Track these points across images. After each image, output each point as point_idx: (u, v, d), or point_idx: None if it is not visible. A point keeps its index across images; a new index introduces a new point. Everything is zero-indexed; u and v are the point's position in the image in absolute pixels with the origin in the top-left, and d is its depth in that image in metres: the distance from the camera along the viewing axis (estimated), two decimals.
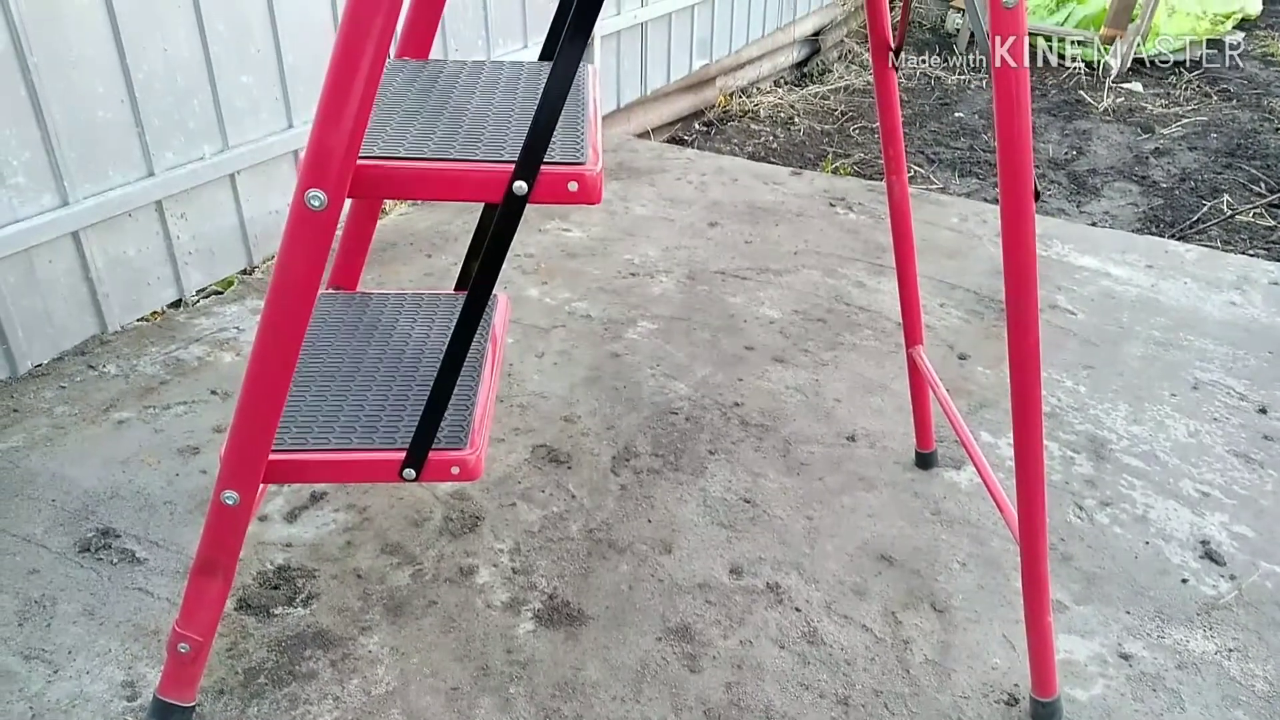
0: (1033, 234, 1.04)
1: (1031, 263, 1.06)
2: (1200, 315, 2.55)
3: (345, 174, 1.01)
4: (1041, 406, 1.17)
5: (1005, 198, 1.04)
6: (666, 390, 2.17)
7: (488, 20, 3.15)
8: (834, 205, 3.19)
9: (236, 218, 2.54)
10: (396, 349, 1.47)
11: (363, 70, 0.94)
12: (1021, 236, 1.04)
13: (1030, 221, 1.04)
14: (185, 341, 2.29)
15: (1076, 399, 2.18)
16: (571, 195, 1.09)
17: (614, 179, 3.36)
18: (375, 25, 0.92)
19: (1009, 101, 0.98)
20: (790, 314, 2.51)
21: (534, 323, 2.44)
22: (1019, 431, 1.23)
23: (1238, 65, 5.81)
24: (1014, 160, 0.98)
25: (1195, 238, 3.64)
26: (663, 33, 4.12)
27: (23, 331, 2.12)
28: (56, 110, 2.05)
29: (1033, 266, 1.06)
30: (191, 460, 1.89)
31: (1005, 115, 0.99)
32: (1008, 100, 0.98)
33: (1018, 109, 0.98)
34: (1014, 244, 1.05)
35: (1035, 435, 1.22)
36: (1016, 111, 0.98)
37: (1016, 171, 0.99)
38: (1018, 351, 1.15)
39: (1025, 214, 1.04)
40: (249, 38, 2.40)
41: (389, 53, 0.97)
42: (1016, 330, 1.12)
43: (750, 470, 1.92)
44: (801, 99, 5.19)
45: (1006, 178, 1.00)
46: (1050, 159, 4.47)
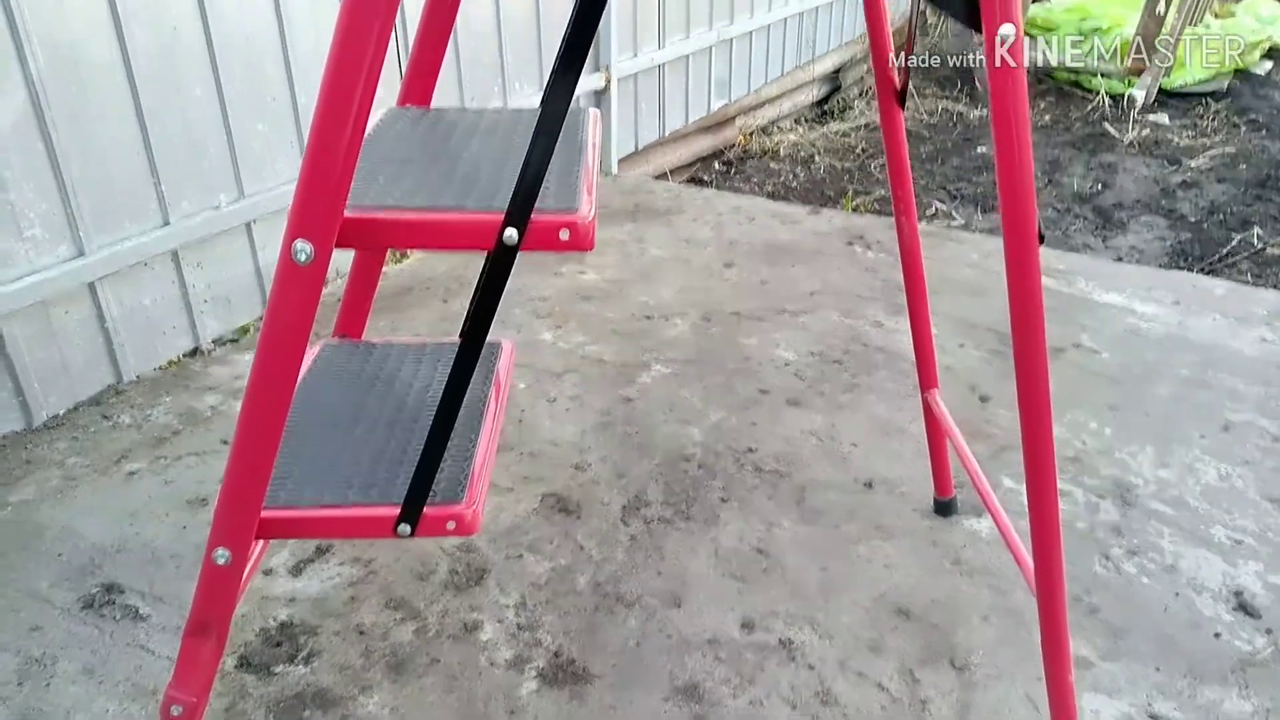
0: (1038, 279, 1.01)
1: (1038, 312, 1.02)
2: (1230, 352, 2.48)
3: (332, 225, 1.00)
4: (1054, 459, 1.12)
5: (1009, 241, 1.00)
6: (679, 436, 2.14)
7: (504, 65, 3.17)
8: (852, 244, 3.16)
9: (253, 265, 2.55)
10: (398, 399, 1.45)
11: (348, 122, 0.93)
12: (1027, 283, 1.01)
13: (1035, 266, 1.00)
14: (199, 390, 2.30)
15: (1102, 442, 2.12)
16: (563, 243, 1.06)
17: (630, 220, 3.36)
18: (359, 78, 0.91)
19: (1009, 146, 0.95)
20: (806, 355, 2.47)
21: (547, 367, 2.42)
22: (1032, 484, 1.18)
23: (1266, 95, 5.74)
24: (1017, 206, 0.95)
25: (1225, 271, 3.57)
26: (680, 74, 4.14)
27: (39, 382, 2.13)
28: (74, 163, 2.08)
29: (1040, 315, 1.02)
30: (200, 512, 1.88)
31: (1006, 158, 0.95)
32: (1008, 145, 0.95)
33: (1018, 152, 0.95)
34: (1020, 291, 1.02)
35: (1050, 488, 1.17)
36: (1018, 153, 0.95)
37: (1019, 218, 0.95)
38: (1028, 404, 1.10)
39: (1030, 258, 1.00)
40: (265, 86, 2.43)
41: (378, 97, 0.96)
42: (1026, 382, 1.08)
43: (764, 519, 1.87)
44: (822, 136, 5.19)
45: (1010, 222, 0.97)
46: (1075, 193, 4.41)
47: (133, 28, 2.11)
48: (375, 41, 0.88)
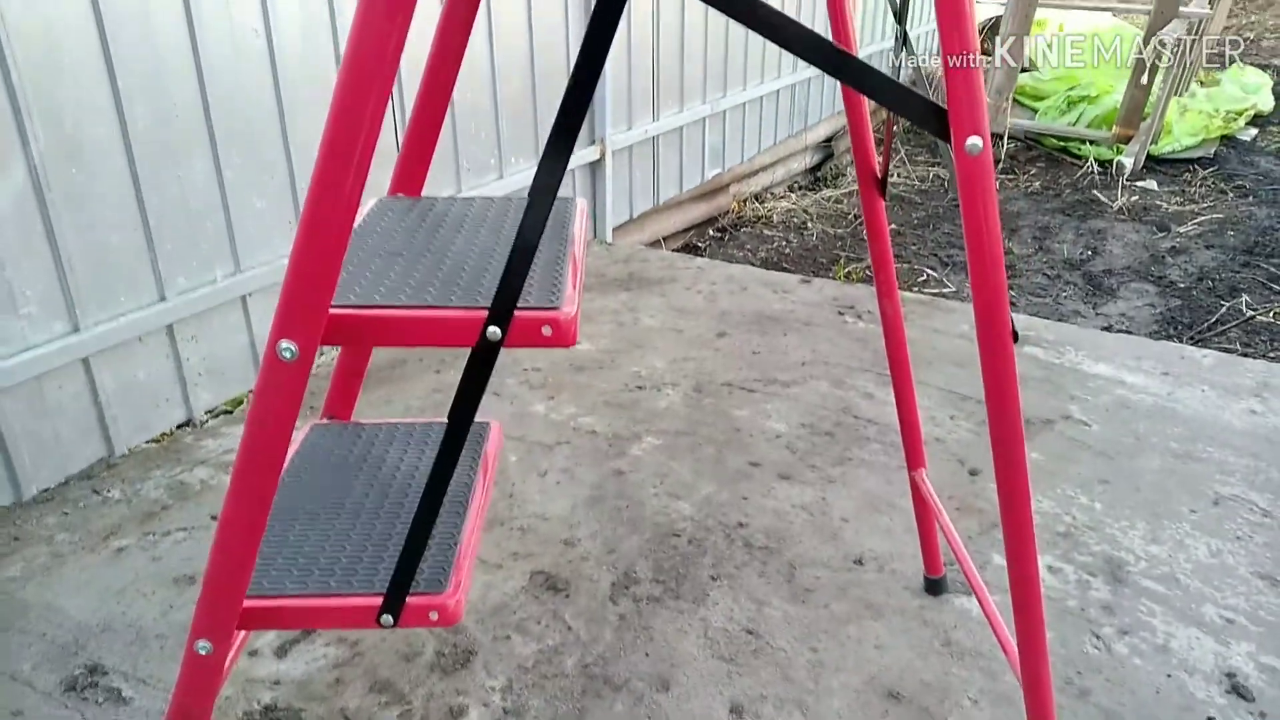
0: (1014, 378, 1.02)
1: (1015, 409, 1.04)
2: (1220, 425, 2.49)
3: (318, 324, 1.01)
4: (1036, 555, 1.12)
5: (982, 340, 1.02)
6: (669, 510, 2.14)
7: (500, 139, 3.23)
8: (843, 314, 3.19)
9: (247, 337, 2.57)
10: (384, 483, 1.46)
11: (333, 231, 0.95)
12: (1003, 380, 1.02)
13: (1011, 365, 1.01)
14: (190, 464, 2.30)
15: (1092, 517, 2.11)
16: (545, 339, 1.08)
17: (624, 289, 3.39)
18: (343, 189, 0.93)
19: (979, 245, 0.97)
20: (797, 427, 2.48)
21: (539, 439, 2.42)
22: (1015, 579, 1.18)
23: (1252, 161, 5.83)
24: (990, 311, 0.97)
25: (1214, 340, 3.59)
26: (674, 145, 4.22)
27: (29, 457, 2.14)
28: (71, 241, 2.11)
29: (1017, 413, 1.04)
30: (187, 590, 1.87)
31: (977, 259, 0.97)
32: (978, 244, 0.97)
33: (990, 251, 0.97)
34: (997, 389, 1.03)
35: (1033, 587, 1.17)
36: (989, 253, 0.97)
37: (992, 320, 0.97)
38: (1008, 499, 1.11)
39: (1005, 357, 1.02)
40: (263, 163, 2.48)
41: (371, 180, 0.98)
42: (1005, 471, 1.09)
43: (754, 597, 1.86)
44: (815, 203, 5.26)
45: (982, 325, 0.99)
46: (1065, 259, 4.46)
47: (134, 107, 2.15)
48: (358, 160, 0.90)
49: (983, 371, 1.04)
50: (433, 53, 1.38)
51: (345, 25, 2.57)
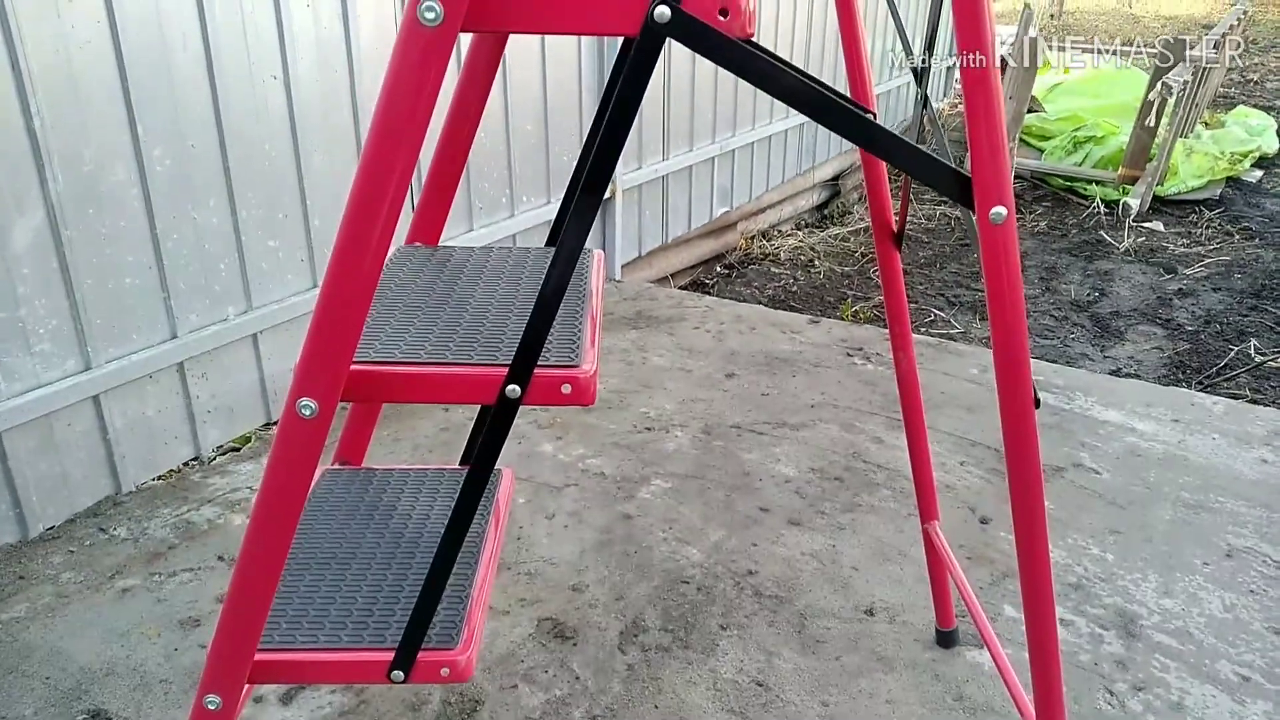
0: (1036, 448, 1.02)
1: (1037, 475, 1.03)
2: (1231, 474, 2.48)
3: (338, 382, 1.01)
4: (1056, 624, 1.11)
5: (1005, 406, 1.02)
6: (678, 556, 2.12)
7: (512, 178, 3.25)
8: (851, 355, 3.19)
9: (257, 374, 2.57)
10: (395, 532, 1.45)
11: (358, 288, 0.95)
12: (1026, 448, 1.02)
13: (1033, 436, 1.01)
14: (198, 502, 2.29)
15: (1104, 568, 2.10)
16: (565, 397, 1.08)
17: (633, 328, 3.39)
18: (367, 250, 0.94)
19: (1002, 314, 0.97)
20: (807, 472, 2.47)
21: (546, 481, 2.42)
22: (1034, 646, 1.17)
23: (1258, 203, 5.85)
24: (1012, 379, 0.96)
25: (1224, 386, 3.58)
26: (684, 183, 4.24)
27: (36, 495, 2.13)
28: (86, 280, 2.12)
29: (1038, 479, 1.03)
30: (191, 633, 1.86)
31: (1001, 329, 0.97)
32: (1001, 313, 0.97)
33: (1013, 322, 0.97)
34: (1018, 458, 1.02)
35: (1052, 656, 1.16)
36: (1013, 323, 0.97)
37: (1014, 389, 0.97)
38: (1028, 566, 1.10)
39: (1027, 422, 1.01)
40: (278, 204, 2.49)
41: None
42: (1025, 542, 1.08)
43: (764, 648, 1.84)
44: (822, 241, 5.28)
45: (1005, 392, 0.98)
46: (1073, 300, 4.47)
47: (153, 150, 2.17)
48: (384, 219, 0.91)
49: (1004, 438, 1.03)
50: (453, 104, 1.39)
51: (361, 68, 2.59)
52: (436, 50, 0.88)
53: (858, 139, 0.96)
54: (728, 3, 0.91)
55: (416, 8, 0.86)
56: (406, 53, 0.88)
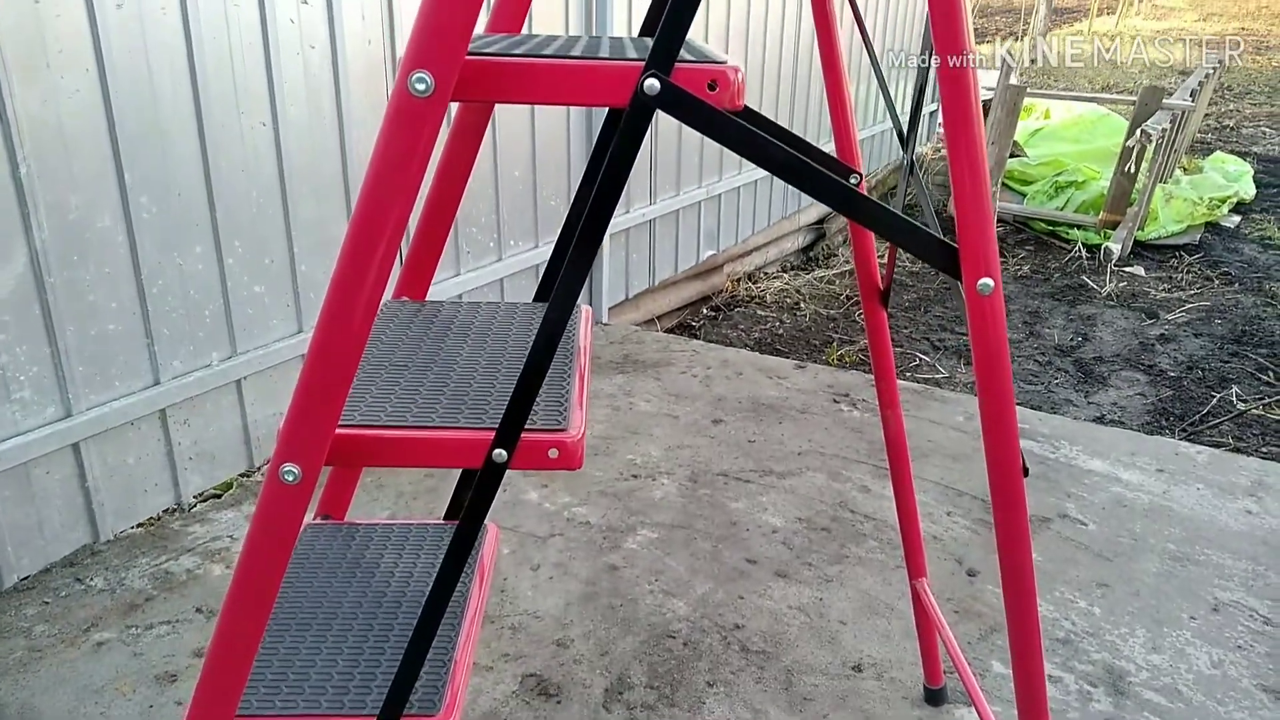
0: (1024, 512, 1.01)
1: (1025, 541, 1.03)
2: (1216, 526, 2.48)
3: (323, 446, 1.00)
4: (1045, 689, 1.10)
5: (993, 474, 1.01)
6: (665, 609, 2.10)
7: (499, 223, 3.26)
8: (838, 401, 3.19)
9: (240, 420, 2.55)
10: (378, 591, 1.43)
11: (345, 352, 0.94)
12: (1014, 515, 1.01)
13: (1022, 501, 1.01)
14: (176, 552, 2.26)
15: (1091, 622, 2.09)
16: (551, 462, 1.07)
17: (619, 372, 3.39)
18: (355, 315, 0.93)
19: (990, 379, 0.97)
20: (794, 522, 2.46)
21: (531, 530, 2.39)
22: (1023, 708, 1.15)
23: (1236, 248, 5.93)
24: (1001, 448, 0.96)
25: (1207, 433, 3.60)
26: (671, 227, 4.26)
27: (12, 545, 2.09)
28: (68, 326, 2.10)
29: (1027, 544, 1.03)
30: (168, 689, 1.82)
31: (988, 395, 0.97)
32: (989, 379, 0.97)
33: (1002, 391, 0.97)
34: (1007, 523, 1.02)
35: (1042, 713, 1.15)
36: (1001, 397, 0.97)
37: (1003, 458, 0.97)
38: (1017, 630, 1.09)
39: (1016, 493, 1.01)
40: (265, 250, 2.48)
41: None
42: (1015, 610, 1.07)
43: (750, 706, 1.82)
44: (807, 284, 5.30)
45: (993, 462, 0.98)
46: (1056, 345, 4.50)
47: (139, 197, 2.17)
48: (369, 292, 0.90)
49: (993, 504, 1.03)
50: (442, 162, 1.40)
51: (350, 117, 2.60)
52: (427, 120, 0.88)
53: (845, 210, 0.96)
54: (717, 76, 0.92)
55: (407, 78, 0.86)
56: (397, 122, 0.88)
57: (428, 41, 0.85)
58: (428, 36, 0.85)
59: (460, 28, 0.86)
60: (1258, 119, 10.52)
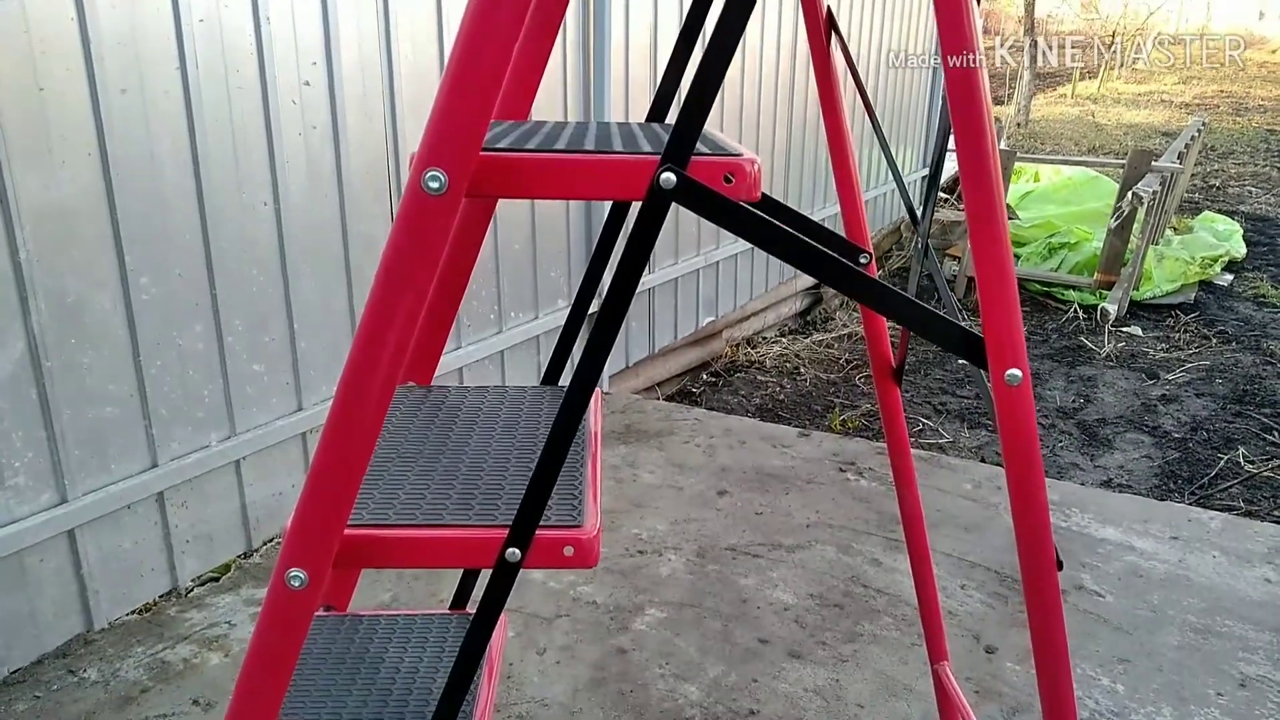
0: (1059, 609, 0.98)
1: (1062, 638, 0.99)
2: (1236, 596, 2.43)
3: (330, 550, 0.97)
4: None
5: (1025, 569, 0.98)
6: (676, 694, 2.04)
7: (500, 295, 3.25)
8: (844, 470, 3.15)
9: (239, 501, 2.50)
10: (383, 689, 1.38)
11: (354, 458, 0.92)
12: (1049, 612, 0.98)
13: (1057, 597, 0.97)
14: (173, 640, 2.19)
15: (1115, 701, 2.03)
16: (566, 559, 1.04)
17: (622, 443, 3.35)
18: (365, 415, 0.90)
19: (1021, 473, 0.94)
20: (805, 598, 2.40)
21: (537, 611, 2.34)
22: None
23: (1231, 307, 5.95)
24: (1034, 544, 0.93)
25: (1217, 497, 3.56)
26: (670, 295, 4.27)
27: (3, 636, 2.03)
28: (65, 410, 2.07)
29: (1063, 641, 0.99)
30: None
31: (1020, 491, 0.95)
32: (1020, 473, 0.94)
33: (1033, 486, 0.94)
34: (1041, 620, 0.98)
35: None
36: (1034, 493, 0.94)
37: (1036, 554, 0.94)
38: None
39: (1051, 588, 0.98)
40: (264, 328, 2.47)
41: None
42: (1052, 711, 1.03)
43: None
44: (806, 348, 5.30)
45: (1026, 557, 0.95)
46: (1058, 407, 4.47)
47: (139, 279, 2.15)
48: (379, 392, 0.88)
49: (1026, 601, 0.99)
50: (448, 250, 1.38)
51: (352, 198, 2.61)
52: (440, 217, 0.87)
53: (864, 299, 0.95)
54: (733, 168, 0.91)
55: (421, 176, 0.85)
56: (410, 219, 0.87)
57: (442, 140, 0.84)
58: (442, 135, 0.84)
59: (474, 126, 0.85)
60: (1243, 178, 10.68)
